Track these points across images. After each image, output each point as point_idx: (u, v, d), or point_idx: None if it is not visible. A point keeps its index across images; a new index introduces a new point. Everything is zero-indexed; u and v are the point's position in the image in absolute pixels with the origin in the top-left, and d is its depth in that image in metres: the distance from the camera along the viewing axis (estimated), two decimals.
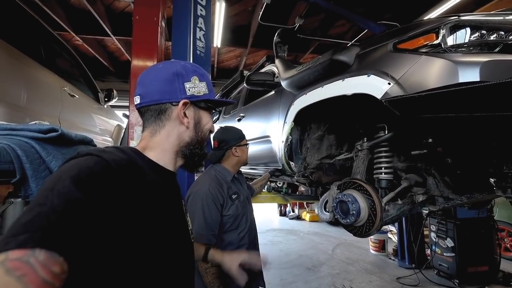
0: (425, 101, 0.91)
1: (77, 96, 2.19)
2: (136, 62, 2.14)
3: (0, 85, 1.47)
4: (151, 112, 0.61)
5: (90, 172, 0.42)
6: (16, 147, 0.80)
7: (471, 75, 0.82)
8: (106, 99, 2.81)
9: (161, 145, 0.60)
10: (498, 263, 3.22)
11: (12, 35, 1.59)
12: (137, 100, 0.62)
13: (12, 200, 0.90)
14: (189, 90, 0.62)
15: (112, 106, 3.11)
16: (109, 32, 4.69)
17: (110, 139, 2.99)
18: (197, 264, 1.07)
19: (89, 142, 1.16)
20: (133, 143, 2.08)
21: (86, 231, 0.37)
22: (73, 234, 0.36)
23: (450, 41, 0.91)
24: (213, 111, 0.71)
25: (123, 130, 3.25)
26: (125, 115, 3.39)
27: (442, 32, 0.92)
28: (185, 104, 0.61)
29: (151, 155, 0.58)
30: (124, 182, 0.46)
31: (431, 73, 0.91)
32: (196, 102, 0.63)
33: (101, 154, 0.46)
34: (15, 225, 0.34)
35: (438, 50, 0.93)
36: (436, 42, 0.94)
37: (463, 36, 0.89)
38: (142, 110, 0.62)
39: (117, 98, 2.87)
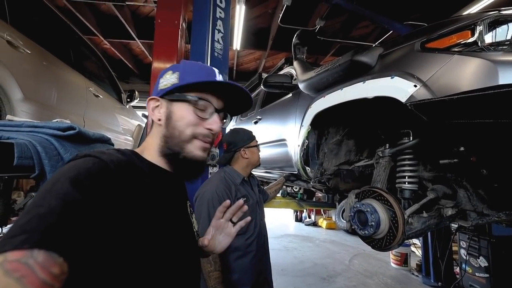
0: (458, 105, 0.82)
1: (101, 96, 2.30)
2: (156, 64, 2.20)
3: (34, 85, 1.57)
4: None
5: (88, 173, 0.42)
6: (36, 144, 0.83)
7: None
8: (128, 100, 2.93)
9: (151, 146, 0.59)
10: None
11: (45, 39, 1.69)
12: None
13: (33, 194, 0.94)
14: (160, 86, 0.60)
15: (134, 107, 3.23)
16: (134, 36, 4.92)
17: (131, 139, 3.11)
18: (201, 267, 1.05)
19: (106, 141, 1.19)
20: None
21: (85, 232, 0.37)
22: (71, 234, 0.35)
23: (489, 38, 0.82)
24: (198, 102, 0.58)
25: (143, 130, 3.37)
26: (144, 116, 3.51)
27: (479, 28, 0.83)
28: (153, 100, 0.60)
29: (148, 157, 0.58)
30: (122, 183, 0.46)
31: (465, 74, 0.82)
32: (166, 96, 0.59)
33: (99, 155, 0.46)
34: (13, 227, 0.34)
35: (473, 49, 0.84)
36: (471, 40, 0.84)
37: (505, 32, 0.80)
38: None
39: (138, 98, 2.98)
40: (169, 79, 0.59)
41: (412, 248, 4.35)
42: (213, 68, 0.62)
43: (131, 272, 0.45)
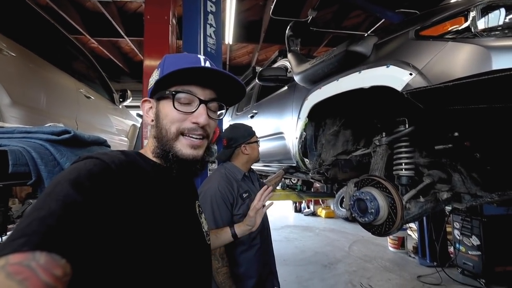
0: (453, 92, 0.84)
1: (92, 98, 2.25)
2: (148, 62, 2.17)
3: (22, 89, 1.52)
4: None
5: (89, 175, 0.41)
6: (30, 150, 0.81)
7: (506, 61, 0.73)
8: (121, 100, 2.87)
9: (148, 147, 0.60)
10: None
11: (30, 40, 1.64)
12: None
13: (31, 201, 0.93)
14: (149, 86, 0.59)
15: (127, 106, 3.18)
16: (123, 34, 4.79)
17: (126, 139, 3.07)
18: None
19: (102, 143, 1.17)
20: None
21: (87, 233, 0.37)
22: (73, 236, 0.35)
23: (481, 24, 0.82)
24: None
25: (138, 130, 3.32)
26: (139, 115, 3.46)
27: (472, 14, 0.83)
28: (146, 102, 0.60)
29: (152, 157, 0.58)
30: (125, 183, 0.45)
31: (459, 60, 0.83)
32: (153, 95, 0.58)
33: (100, 157, 0.46)
34: (13, 231, 0.34)
35: (467, 35, 0.85)
36: (464, 26, 0.85)
37: (497, 17, 0.80)
38: None
39: (131, 98, 2.93)
40: (153, 77, 0.58)
41: (409, 232, 4.48)
42: (198, 56, 0.58)
43: (138, 273, 0.44)
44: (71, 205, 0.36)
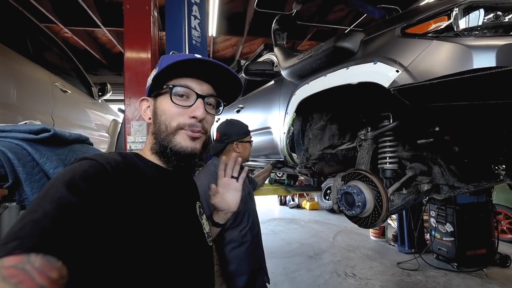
0: (437, 89, 0.87)
1: (69, 92, 2.12)
2: (129, 54, 2.06)
3: None
4: None
5: (85, 176, 0.41)
6: (6, 150, 0.75)
7: (486, 60, 0.77)
8: (100, 94, 2.73)
9: (146, 146, 0.60)
10: (495, 246, 3.29)
11: None
12: None
13: (7, 204, 0.86)
14: (147, 86, 0.60)
15: (107, 100, 3.03)
16: (99, 23, 4.52)
17: (107, 135, 2.93)
18: None
19: (84, 140, 1.11)
20: (130, 138, 2.03)
21: (83, 235, 0.36)
22: (69, 238, 0.34)
23: (463, 24, 0.86)
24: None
25: (119, 125, 3.19)
26: (120, 110, 3.30)
27: (454, 14, 0.86)
28: (144, 101, 0.60)
29: (150, 157, 0.58)
30: (121, 185, 0.45)
31: (443, 59, 0.86)
32: (150, 93, 0.59)
33: (96, 158, 0.45)
34: (7, 234, 0.33)
35: (449, 34, 0.88)
36: (448, 25, 0.88)
37: (477, 18, 0.84)
38: None
39: (111, 92, 2.79)
40: (150, 76, 0.58)
41: (389, 221, 4.71)
42: (195, 54, 0.58)
43: (136, 275, 0.44)
44: (65, 207, 0.36)
